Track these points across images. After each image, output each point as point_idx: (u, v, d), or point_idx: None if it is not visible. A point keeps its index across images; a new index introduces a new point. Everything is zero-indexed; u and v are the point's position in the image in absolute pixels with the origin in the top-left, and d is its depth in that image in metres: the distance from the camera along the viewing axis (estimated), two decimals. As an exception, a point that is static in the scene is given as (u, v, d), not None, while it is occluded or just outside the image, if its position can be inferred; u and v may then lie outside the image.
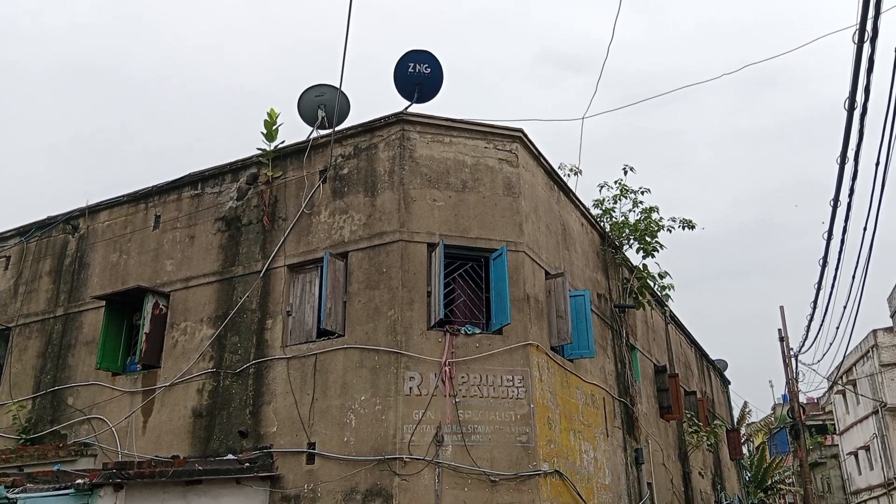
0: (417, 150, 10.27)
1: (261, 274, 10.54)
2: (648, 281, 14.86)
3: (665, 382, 16.33)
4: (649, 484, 13.75)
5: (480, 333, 9.72)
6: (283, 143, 11.09)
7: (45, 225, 13.25)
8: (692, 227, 14.93)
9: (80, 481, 7.96)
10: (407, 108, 10.77)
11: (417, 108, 10.89)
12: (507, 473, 9.04)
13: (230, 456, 9.58)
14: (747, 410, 37.05)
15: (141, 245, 11.96)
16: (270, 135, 10.99)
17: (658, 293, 16.04)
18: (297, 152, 10.98)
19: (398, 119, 10.39)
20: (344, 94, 11.04)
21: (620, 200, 14.65)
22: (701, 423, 18.79)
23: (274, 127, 11.00)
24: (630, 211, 14.61)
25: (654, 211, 14.55)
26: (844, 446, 45.25)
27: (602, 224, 14.37)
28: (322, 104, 11.22)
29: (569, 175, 13.45)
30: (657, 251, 14.36)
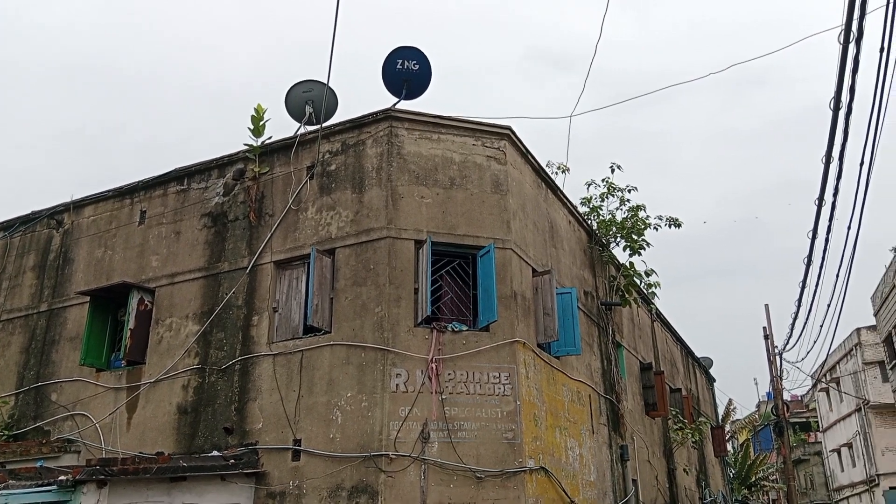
0: (405, 147, 10.26)
1: (247, 270, 10.50)
2: (635, 279, 14.93)
3: (651, 380, 16.42)
4: (634, 480, 13.82)
5: (467, 330, 9.73)
6: (271, 139, 11.05)
7: (29, 220, 13.13)
8: (679, 226, 15.02)
9: (63, 478, 7.90)
10: (395, 105, 10.75)
11: (406, 105, 10.86)
12: (493, 470, 9.05)
13: (215, 452, 9.54)
14: (732, 408, 37.35)
15: (126, 240, 11.88)
16: (257, 130, 10.94)
17: (644, 291, 16.11)
18: (285, 148, 10.94)
19: (386, 115, 10.37)
20: (332, 90, 11.00)
21: (607, 198, 14.71)
22: (686, 421, 18.92)
23: (261, 122, 10.95)
24: (617, 209, 14.68)
25: (641, 209, 14.61)
26: (827, 443, 45.66)
27: (589, 222, 14.41)
28: (310, 100, 11.17)
29: (556, 173, 13.52)
30: (644, 249, 14.43)
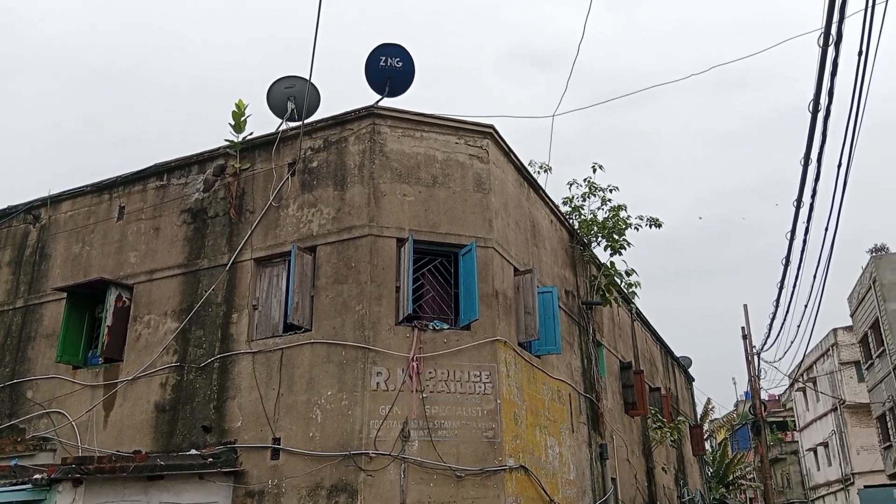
0: (388, 145, 10.22)
1: (227, 267, 10.42)
2: (615, 278, 15.00)
3: (630, 379, 16.51)
4: (613, 479, 13.89)
5: (448, 329, 9.72)
6: (252, 135, 10.95)
7: (6, 214, 12.93)
8: (659, 226, 15.12)
9: (38, 476, 7.79)
10: (378, 102, 10.71)
11: (389, 102, 10.84)
12: (473, 469, 9.06)
13: (193, 451, 9.46)
14: (710, 407, 37.68)
15: (104, 236, 11.74)
16: (238, 126, 10.85)
17: (625, 290, 16.20)
18: (266, 144, 10.86)
19: (369, 113, 10.33)
20: (314, 87, 10.93)
21: (589, 198, 14.77)
22: (665, 420, 19.05)
23: (242, 118, 10.86)
24: (598, 209, 14.75)
25: (622, 209, 14.69)
26: (804, 443, 46.22)
27: (571, 221, 14.46)
28: (292, 96, 11.10)
29: (539, 172, 13.55)
30: (624, 249, 14.51)
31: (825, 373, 39.31)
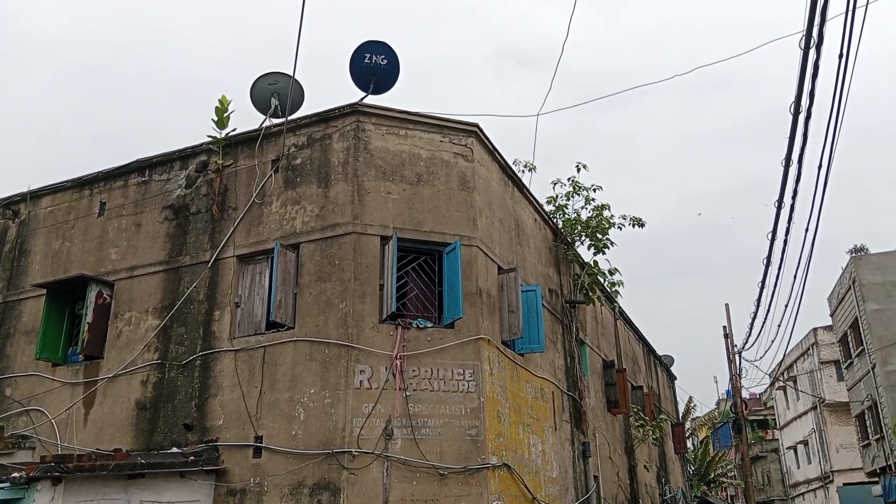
0: (372, 142, 10.20)
1: (209, 264, 10.35)
2: (599, 277, 15.07)
3: (613, 377, 16.59)
4: (596, 477, 13.96)
5: (432, 327, 9.73)
6: (235, 131, 10.89)
7: (-16, 210, 12.78)
8: (642, 226, 15.19)
9: (17, 475, 7.73)
10: (362, 99, 10.68)
11: (373, 100, 10.80)
12: (456, 467, 9.06)
13: (174, 449, 9.40)
14: (692, 405, 38.05)
15: (85, 232, 11.63)
16: (221, 122, 10.77)
17: (608, 290, 16.28)
18: (249, 141, 10.80)
19: (353, 110, 10.30)
20: (298, 83, 10.89)
21: (573, 197, 14.82)
22: (647, 418, 19.16)
23: (225, 114, 10.78)
24: (582, 208, 14.80)
25: (606, 208, 14.75)
26: (784, 441, 46.71)
27: (555, 220, 14.51)
28: (275, 92, 11.04)
29: (523, 171, 13.59)
30: (608, 248, 14.57)
31: (805, 372, 39.73)
